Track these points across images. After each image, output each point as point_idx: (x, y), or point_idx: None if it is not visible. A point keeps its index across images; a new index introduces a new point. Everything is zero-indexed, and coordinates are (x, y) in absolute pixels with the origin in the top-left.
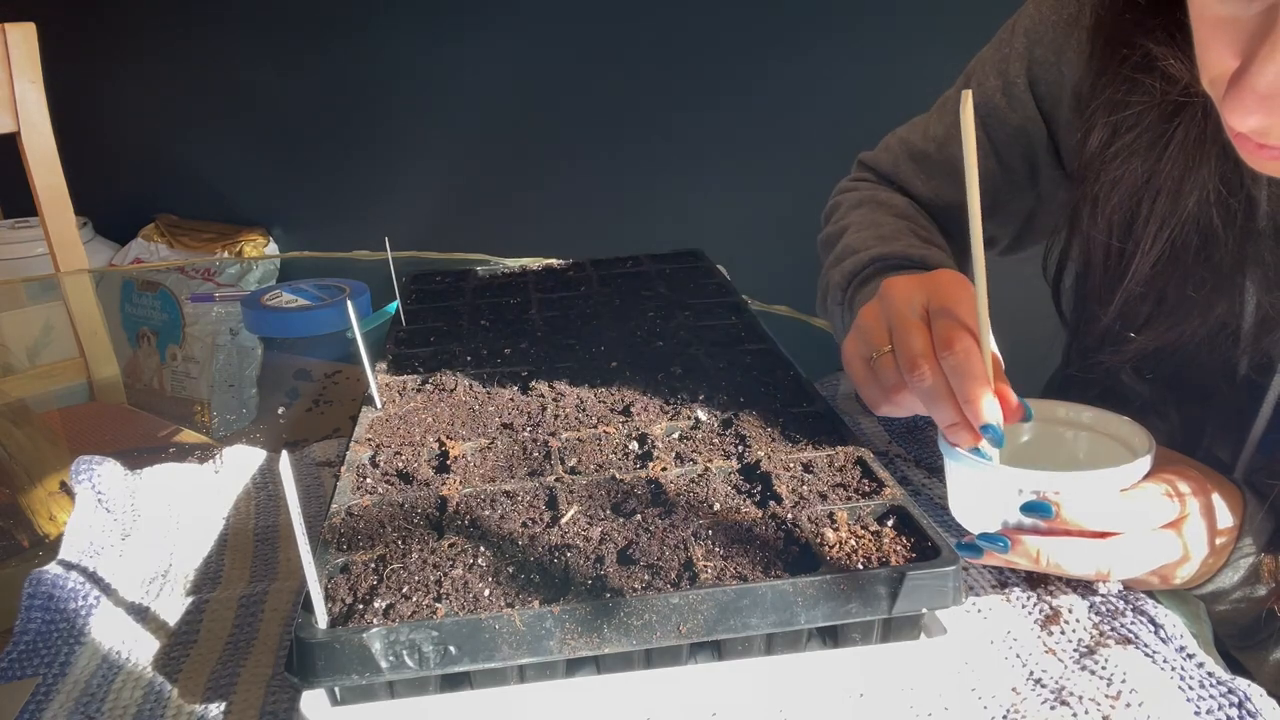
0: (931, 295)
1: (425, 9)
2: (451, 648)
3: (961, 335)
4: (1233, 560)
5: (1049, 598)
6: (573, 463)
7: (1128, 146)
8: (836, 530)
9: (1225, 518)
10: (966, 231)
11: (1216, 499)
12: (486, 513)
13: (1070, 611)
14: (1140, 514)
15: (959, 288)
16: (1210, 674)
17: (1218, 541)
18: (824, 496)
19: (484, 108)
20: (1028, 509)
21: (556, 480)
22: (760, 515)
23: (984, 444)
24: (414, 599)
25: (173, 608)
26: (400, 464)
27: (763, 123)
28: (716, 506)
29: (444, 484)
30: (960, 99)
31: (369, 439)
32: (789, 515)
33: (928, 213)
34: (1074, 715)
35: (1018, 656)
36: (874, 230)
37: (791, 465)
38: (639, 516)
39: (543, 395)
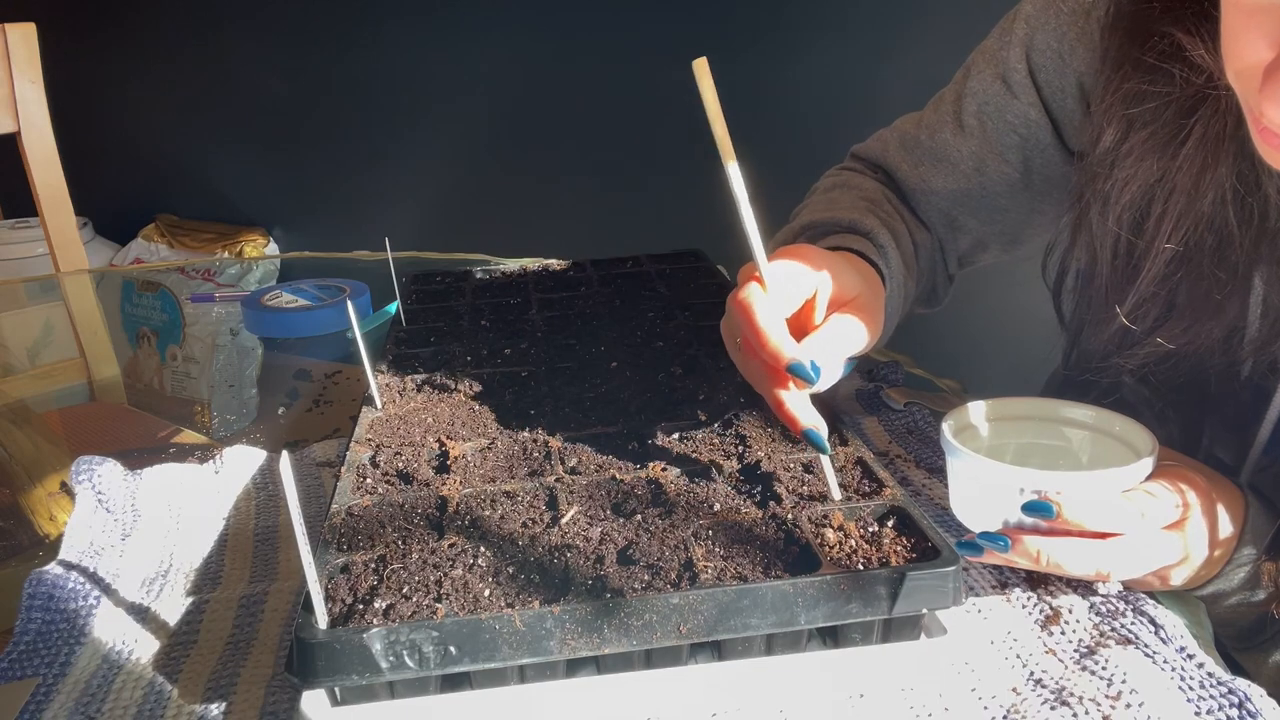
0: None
1: (425, 9)
2: (452, 648)
3: (746, 326)
4: (1233, 563)
5: (1049, 598)
6: (573, 463)
7: (1142, 143)
8: (837, 530)
9: (1226, 520)
10: (949, 223)
11: (1218, 501)
12: (486, 513)
13: (1070, 612)
14: (1142, 515)
15: (791, 260)
16: (1210, 674)
17: (1218, 545)
18: (824, 497)
19: (483, 108)
20: (1029, 508)
21: (556, 480)
22: (760, 515)
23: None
24: (414, 599)
25: (173, 608)
26: (400, 464)
27: (763, 122)
28: (716, 506)
29: (444, 484)
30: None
31: (369, 439)
32: (789, 515)
33: (912, 200)
34: (1074, 715)
35: (1018, 657)
36: (826, 206)
37: (791, 465)
38: (639, 516)
39: (543, 396)
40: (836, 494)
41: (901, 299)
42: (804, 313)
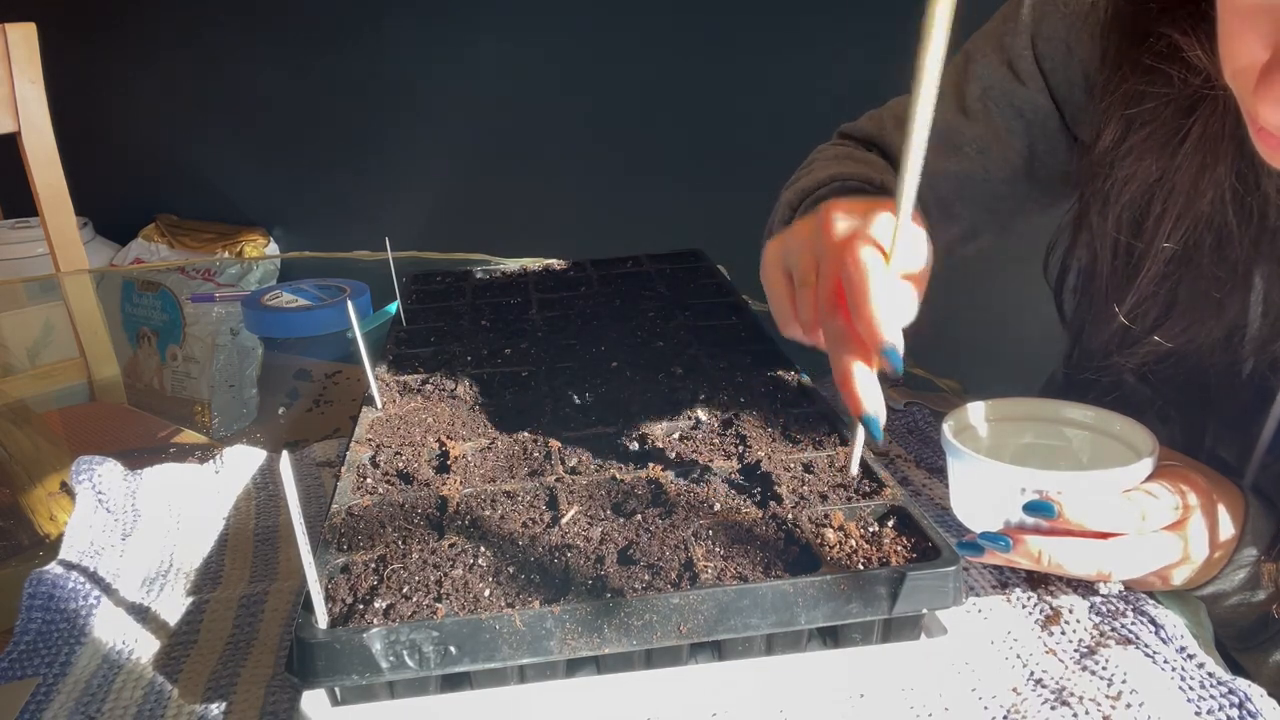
0: (865, 225)
1: (425, 9)
2: (452, 648)
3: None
4: (1234, 563)
5: (1049, 598)
6: (573, 463)
7: (1141, 142)
8: (836, 530)
9: (1227, 522)
10: (943, 208)
11: (1218, 502)
12: (487, 513)
13: (1071, 612)
14: (1143, 515)
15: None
16: (1211, 674)
17: (1218, 546)
18: (824, 497)
19: (484, 107)
20: (1030, 508)
21: (557, 480)
22: (760, 515)
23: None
24: (414, 599)
25: (173, 608)
26: (400, 464)
27: (763, 122)
28: (717, 506)
29: (444, 484)
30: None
31: (369, 439)
32: (789, 515)
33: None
34: (1074, 715)
35: (1018, 657)
36: (839, 166)
37: (792, 465)
38: (639, 516)
39: (543, 395)
40: (855, 469)
41: None
42: None
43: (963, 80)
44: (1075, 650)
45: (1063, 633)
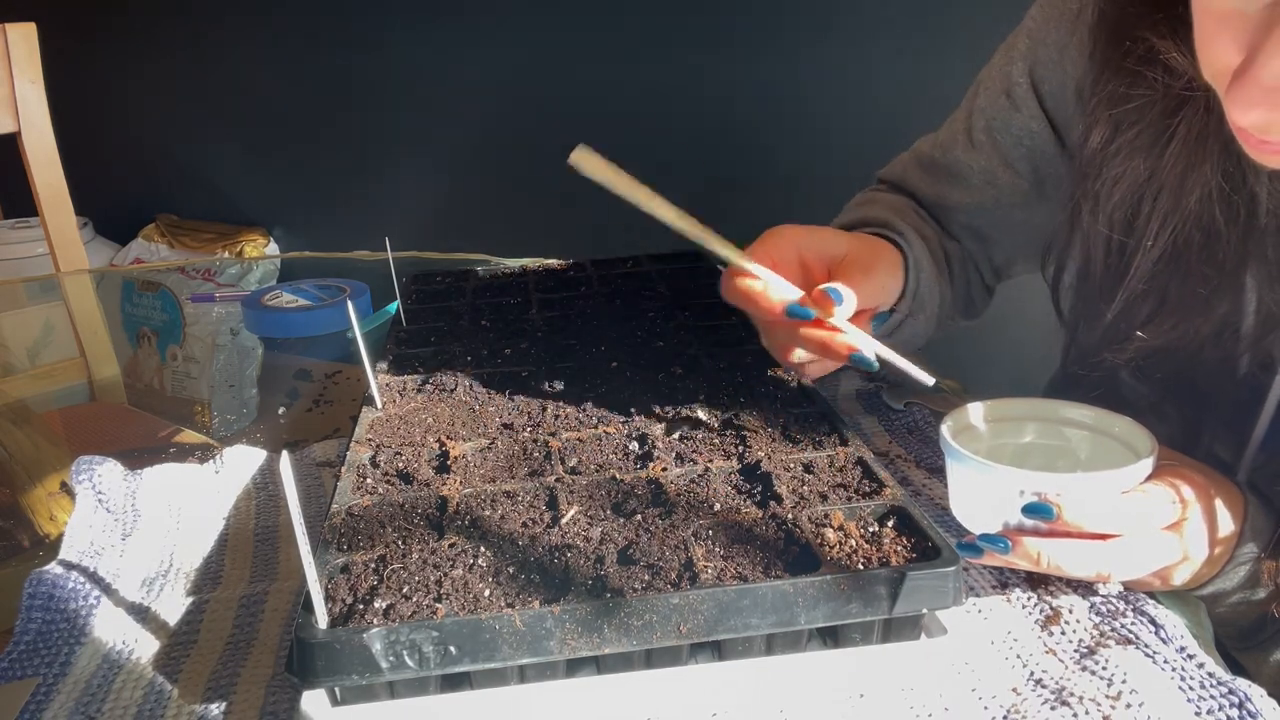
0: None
1: (425, 9)
2: (452, 648)
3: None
4: (1234, 561)
5: (1049, 598)
6: (573, 463)
7: (1129, 143)
8: (837, 530)
9: (1226, 520)
10: (974, 235)
11: (1218, 501)
12: (487, 513)
13: (1071, 612)
14: (1142, 516)
15: (767, 239)
16: (1211, 674)
17: (1218, 544)
18: (824, 497)
19: (484, 107)
20: (1029, 510)
21: (557, 480)
22: (760, 515)
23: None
24: (414, 599)
25: (173, 608)
26: (400, 464)
27: (764, 123)
28: (717, 507)
29: (444, 484)
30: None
31: (369, 439)
32: (789, 515)
33: (935, 216)
34: (1074, 716)
35: (1018, 657)
36: (853, 213)
37: (792, 465)
38: (639, 517)
39: (543, 395)
40: (928, 378)
41: (935, 291)
42: (806, 284)
43: (970, 114)
44: (1075, 650)
45: (1062, 633)
